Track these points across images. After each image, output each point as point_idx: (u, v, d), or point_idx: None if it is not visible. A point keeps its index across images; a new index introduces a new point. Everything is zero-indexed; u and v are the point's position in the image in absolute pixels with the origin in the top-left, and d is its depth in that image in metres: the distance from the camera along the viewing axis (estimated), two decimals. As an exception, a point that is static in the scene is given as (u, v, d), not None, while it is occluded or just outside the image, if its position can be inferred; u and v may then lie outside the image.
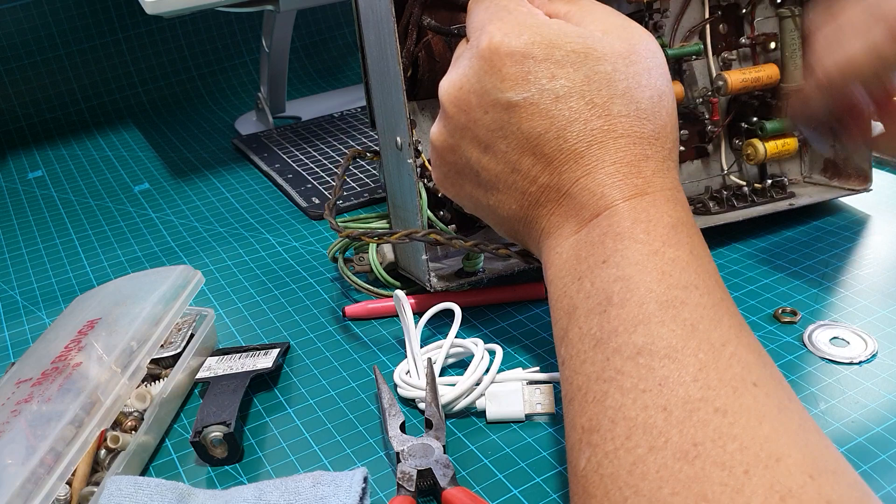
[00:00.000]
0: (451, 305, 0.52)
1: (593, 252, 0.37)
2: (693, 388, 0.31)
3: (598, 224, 0.37)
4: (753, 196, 0.64)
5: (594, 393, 0.33)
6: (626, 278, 0.35)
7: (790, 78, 0.63)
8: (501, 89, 0.40)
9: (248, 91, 1.14)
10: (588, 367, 0.34)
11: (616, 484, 0.30)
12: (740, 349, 0.32)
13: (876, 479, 0.41)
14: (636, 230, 0.36)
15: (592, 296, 0.35)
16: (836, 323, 0.53)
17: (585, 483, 0.32)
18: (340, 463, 0.45)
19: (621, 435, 0.31)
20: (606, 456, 0.31)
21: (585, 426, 0.33)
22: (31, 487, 0.39)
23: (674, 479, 0.29)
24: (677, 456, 0.29)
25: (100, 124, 1.07)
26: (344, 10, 1.24)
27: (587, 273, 0.36)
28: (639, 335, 0.33)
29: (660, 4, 0.61)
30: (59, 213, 0.84)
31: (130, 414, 0.48)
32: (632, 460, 0.30)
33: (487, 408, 0.47)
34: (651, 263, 0.35)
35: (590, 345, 0.34)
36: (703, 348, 0.32)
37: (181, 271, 0.55)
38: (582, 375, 0.34)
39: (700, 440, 0.29)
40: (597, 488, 0.31)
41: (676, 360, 0.32)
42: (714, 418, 0.29)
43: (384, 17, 0.51)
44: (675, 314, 0.33)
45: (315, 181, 0.82)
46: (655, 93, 0.40)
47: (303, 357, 0.55)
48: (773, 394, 0.31)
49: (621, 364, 0.33)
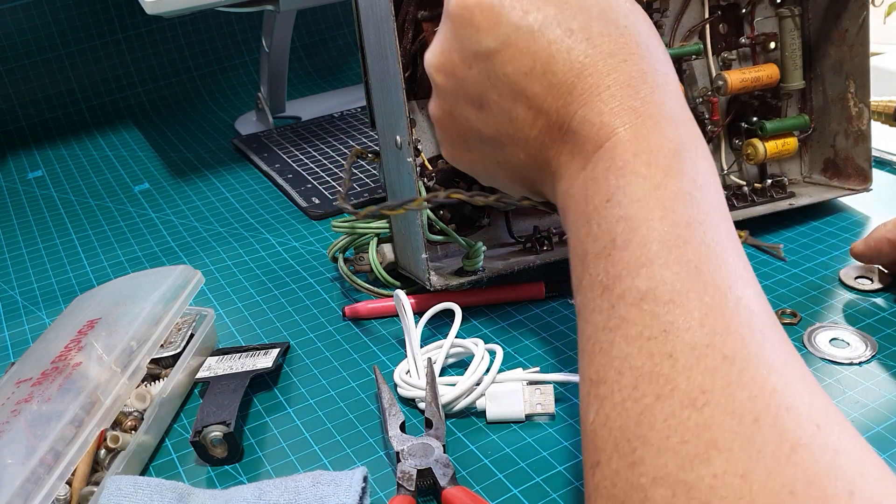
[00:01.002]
0: (451, 305, 0.52)
1: (598, 190, 0.35)
2: (699, 334, 0.30)
3: (601, 157, 0.35)
4: (753, 196, 0.64)
5: (601, 343, 0.32)
6: (628, 217, 0.33)
7: (790, 78, 0.63)
8: (478, 40, 0.39)
9: (248, 91, 1.14)
10: (596, 315, 0.33)
11: (625, 436, 0.29)
12: (746, 292, 0.31)
13: (876, 479, 0.41)
14: (637, 163, 0.34)
15: (599, 238, 0.34)
16: (836, 324, 0.53)
17: (594, 437, 0.31)
18: (340, 462, 0.45)
19: (628, 385, 0.30)
20: (614, 408, 0.30)
21: (593, 378, 0.32)
22: (31, 487, 0.39)
23: (682, 427, 0.28)
24: (685, 403, 0.28)
25: (100, 124, 1.07)
26: (344, 10, 1.24)
27: (594, 214, 0.35)
28: (642, 279, 0.31)
29: (660, 4, 0.61)
30: (59, 213, 0.84)
31: (130, 414, 0.48)
32: (639, 410, 0.29)
33: (487, 408, 0.47)
34: (653, 199, 0.33)
35: (598, 292, 0.33)
36: (709, 291, 0.31)
37: (181, 271, 0.55)
38: (591, 325, 0.33)
39: (708, 387, 0.28)
40: (606, 442, 0.30)
41: (681, 304, 0.30)
42: (722, 366, 0.29)
43: (384, 17, 0.51)
44: (679, 255, 0.32)
45: (315, 181, 0.82)
46: (629, 12, 0.38)
47: (303, 357, 0.55)
48: (778, 344, 0.30)
49: (625, 311, 0.31)
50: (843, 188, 0.65)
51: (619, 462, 0.29)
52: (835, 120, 0.65)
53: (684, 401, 0.28)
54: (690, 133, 0.36)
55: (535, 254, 0.59)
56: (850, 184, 0.65)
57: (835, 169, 0.66)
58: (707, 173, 0.35)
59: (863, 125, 0.63)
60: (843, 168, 0.65)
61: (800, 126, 0.65)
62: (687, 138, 0.35)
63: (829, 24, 0.63)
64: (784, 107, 0.65)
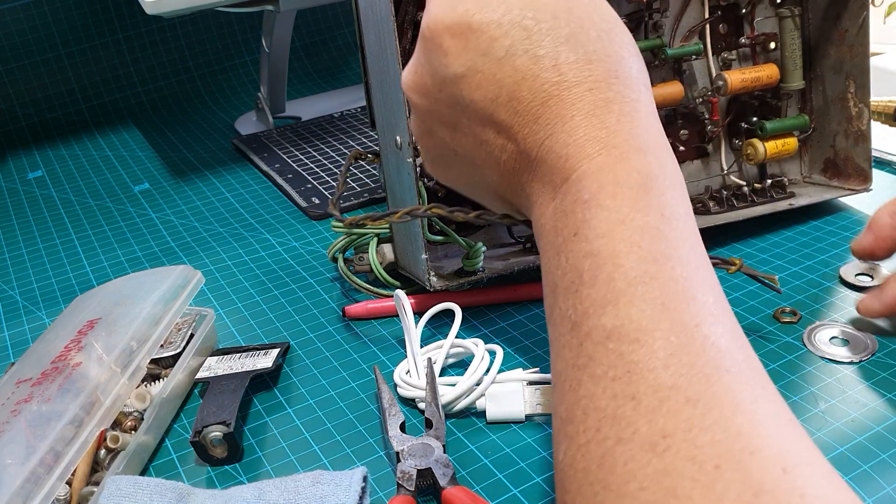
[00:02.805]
0: (451, 305, 0.52)
1: (567, 223, 0.34)
2: (664, 375, 0.29)
3: (569, 189, 0.35)
4: (753, 196, 0.64)
5: (570, 381, 0.32)
6: (594, 253, 0.32)
7: (790, 78, 0.63)
8: (446, 64, 0.38)
9: (248, 91, 1.14)
10: (566, 352, 0.32)
11: (587, 479, 0.29)
12: (715, 329, 0.30)
13: (876, 479, 0.41)
14: (602, 195, 0.33)
15: (568, 273, 0.33)
16: (836, 322, 0.53)
17: (563, 476, 0.31)
18: (340, 462, 0.45)
19: (592, 427, 0.30)
20: (579, 450, 0.30)
21: (563, 416, 0.32)
22: (31, 487, 0.39)
23: (642, 473, 0.27)
24: (645, 448, 0.28)
25: (100, 124, 1.07)
26: (344, 10, 1.24)
27: (563, 247, 0.34)
28: (608, 317, 0.31)
29: (660, 4, 0.61)
30: (59, 213, 0.84)
31: (130, 414, 0.48)
32: (601, 453, 0.29)
33: (487, 408, 0.47)
34: (619, 234, 0.32)
35: (567, 327, 0.33)
36: (675, 329, 0.30)
37: (181, 271, 0.55)
38: (561, 360, 0.33)
39: (670, 431, 0.28)
40: (571, 483, 0.30)
41: (646, 343, 0.30)
42: (685, 408, 0.28)
43: (384, 17, 0.51)
44: (645, 291, 0.31)
45: (315, 181, 0.82)
46: (602, 31, 0.37)
47: (303, 357, 0.55)
48: (747, 381, 0.29)
49: (592, 349, 0.31)
50: (843, 188, 0.65)
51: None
52: (835, 120, 0.65)
53: (645, 445, 0.28)
54: (660, 160, 0.35)
55: (535, 254, 0.59)
56: (850, 184, 0.65)
57: (835, 169, 0.66)
58: (676, 203, 0.34)
59: (863, 125, 0.63)
60: (843, 168, 0.65)
61: (800, 126, 0.65)
62: (656, 167, 0.34)
63: (829, 24, 0.63)
64: (784, 107, 0.65)
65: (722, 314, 0.31)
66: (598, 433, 0.29)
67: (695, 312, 0.30)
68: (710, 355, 0.29)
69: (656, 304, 0.30)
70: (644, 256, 0.32)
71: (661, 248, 0.32)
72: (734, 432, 0.27)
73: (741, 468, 0.26)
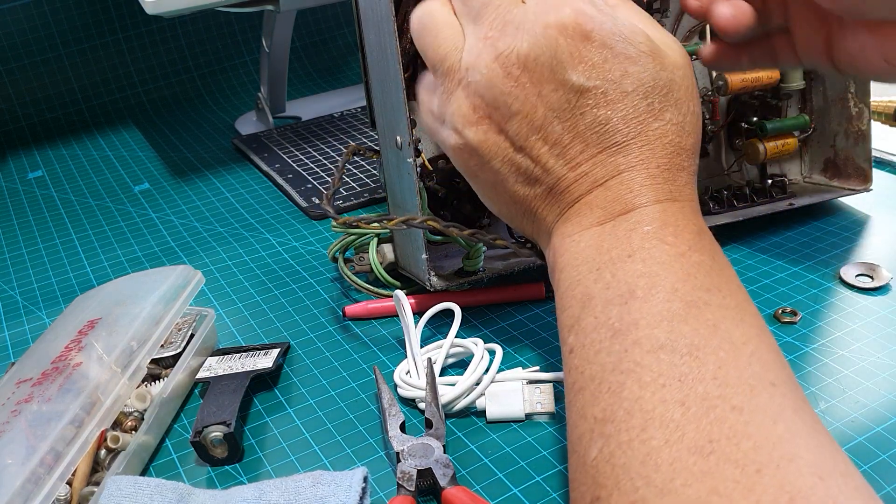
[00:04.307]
0: (451, 305, 0.52)
1: (617, 245, 0.37)
2: (712, 386, 0.31)
3: (625, 220, 0.38)
4: (753, 196, 0.64)
5: (609, 383, 0.33)
6: (651, 275, 0.35)
7: (790, 78, 0.63)
8: (576, 70, 0.39)
9: (248, 91, 1.14)
10: (604, 356, 0.34)
11: (628, 474, 0.30)
12: (761, 348, 0.33)
13: (876, 479, 0.41)
14: (665, 232, 0.37)
15: (613, 287, 0.36)
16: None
17: (596, 473, 0.32)
18: (340, 463, 0.45)
19: (637, 426, 0.31)
20: (620, 447, 0.31)
21: (598, 416, 0.33)
22: (31, 487, 0.39)
23: (687, 472, 0.29)
24: (692, 450, 0.29)
25: (100, 124, 1.07)
26: (344, 10, 1.24)
27: (608, 265, 0.37)
28: (661, 330, 0.33)
29: (660, 4, 0.61)
30: (59, 213, 0.84)
31: (130, 414, 0.48)
32: (646, 451, 0.30)
33: (487, 407, 0.47)
34: (677, 264, 0.36)
35: (606, 335, 0.35)
36: (724, 347, 0.32)
37: (181, 271, 0.55)
38: (596, 365, 0.34)
39: (716, 437, 0.29)
40: (608, 478, 0.31)
41: (697, 357, 0.32)
42: (730, 416, 0.30)
43: (384, 17, 0.51)
44: (699, 314, 0.34)
45: (315, 181, 0.82)
46: (697, 110, 0.41)
47: (303, 357, 0.55)
48: (789, 394, 0.31)
49: (641, 357, 0.33)
50: (843, 188, 0.65)
51: (619, 498, 0.30)
52: (835, 120, 0.65)
53: (692, 447, 0.30)
54: (704, 225, 0.39)
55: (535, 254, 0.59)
56: (850, 184, 0.65)
57: (835, 169, 0.66)
58: (721, 255, 0.38)
59: (863, 125, 0.63)
60: (843, 168, 0.65)
61: (800, 126, 0.65)
62: (705, 228, 0.39)
63: (829, 23, 0.63)
64: (784, 107, 0.65)
65: (767, 337, 0.34)
66: (643, 432, 0.31)
67: (743, 333, 0.34)
68: (755, 369, 0.32)
69: (708, 325, 0.33)
70: (699, 286, 0.35)
71: (713, 282, 0.35)
72: (775, 439, 0.29)
73: (780, 473, 0.28)
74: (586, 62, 0.39)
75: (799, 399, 0.32)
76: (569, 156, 0.40)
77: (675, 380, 0.32)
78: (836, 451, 0.30)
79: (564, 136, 0.40)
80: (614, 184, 0.39)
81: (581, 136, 0.40)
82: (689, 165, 0.40)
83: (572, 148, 0.40)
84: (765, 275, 0.58)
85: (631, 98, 0.39)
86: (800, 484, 0.28)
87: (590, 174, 0.40)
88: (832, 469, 0.29)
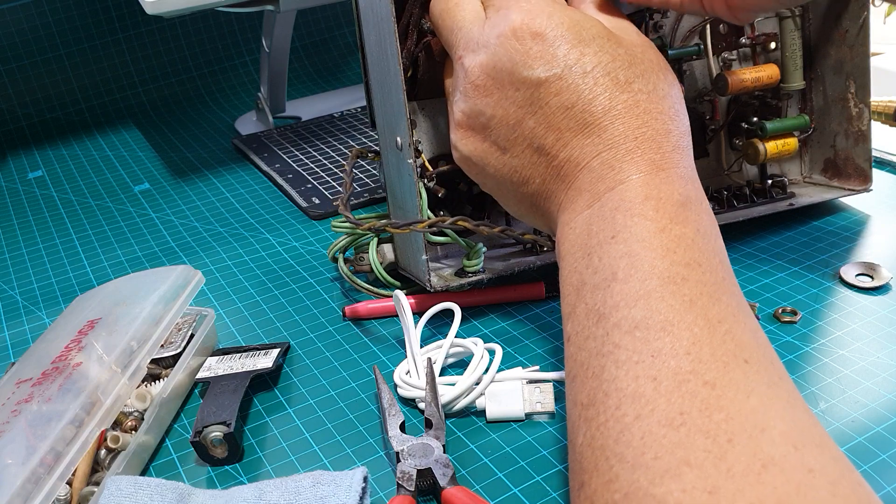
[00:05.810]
0: (451, 305, 0.52)
1: (604, 227, 0.37)
2: (685, 361, 0.31)
3: (610, 198, 0.38)
4: (753, 196, 0.64)
5: (593, 368, 0.33)
6: (632, 254, 0.35)
7: (790, 78, 0.63)
8: (531, 66, 0.41)
9: (248, 91, 1.14)
10: (591, 343, 0.34)
11: (604, 454, 0.30)
12: (736, 327, 0.33)
13: (876, 479, 0.41)
14: (646, 207, 0.37)
15: (599, 271, 0.36)
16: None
17: (581, 458, 0.32)
18: (340, 463, 0.45)
19: (612, 406, 0.31)
20: (598, 428, 0.31)
21: (584, 402, 0.33)
22: (31, 487, 0.39)
23: (657, 445, 0.29)
24: (662, 423, 0.29)
25: (100, 124, 1.07)
26: (344, 10, 1.24)
27: (596, 248, 0.37)
28: (638, 309, 0.33)
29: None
30: (59, 213, 0.84)
31: (130, 414, 0.48)
32: (619, 429, 0.30)
33: (487, 407, 0.47)
34: (657, 240, 0.35)
35: (593, 320, 0.35)
36: (699, 323, 0.32)
37: (181, 271, 0.55)
38: (585, 351, 0.35)
39: (686, 409, 0.29)
40: (589, 462, 0.31)
41: (671, 332, 0.32)
42: (702, 390, 0.30)
43: (384, 18, 0.51)
44: (676, 290, 0.34)
45: (315, 181, 0.82)
46: (671, 78, 0.42)
47: (303, 357, 0.55)
48: (763, 370, 0.31)
49: (619, 338, 0.33)
50: (843, 188, 0.65)
51: (597, 481, 0.30)
52: (835, 120, 0.65)
53: (662, 420, 0.29)
54: (697, 192, 0.39)
55: (535, 254, 0.59)
56: (850, 184, 0.65)
57: (835, 169, 0.66)
58: (709, 225, 0.38)
59: (863, 125, 0.63)
60: (843, 168, 0.65)
61: (800, 126, 0.65)
62: (694, 195, 0.38)
63: (830, 24, 0.63)
64: (784, 107, 0.65)
65: (744, 316, 0.34)
66: (617, 410, 0.31)
67: (719, 311, 0.33)
68: (730, 346, 0.32)
69: (685, 301, 0.33)
70: (678, 261, 0.35)
71: (694, 256, 0.35)
72: (748, 411, 0.29)
73: (752, 442, 0.28)
74: (541, 56, 0.41)
75: (775, 374, 0.31)
76: (547, 146, 0.41)
77: (647, 356, 0.32)
78: (813, 425, 0.30)
79: (538, 129, 0.42)
80: (596, 164, 0.39)
81: (553, 126, 0.41)
82: (673, 129, 0.40)
83: (547, 138, 0.41)
84: (765, 274, 0.58)
85: (592, 75, 0.40)
86: (773, 452, 0.27)
87: (571, 159, 0.40)
88: (807, 440, 0.28)
